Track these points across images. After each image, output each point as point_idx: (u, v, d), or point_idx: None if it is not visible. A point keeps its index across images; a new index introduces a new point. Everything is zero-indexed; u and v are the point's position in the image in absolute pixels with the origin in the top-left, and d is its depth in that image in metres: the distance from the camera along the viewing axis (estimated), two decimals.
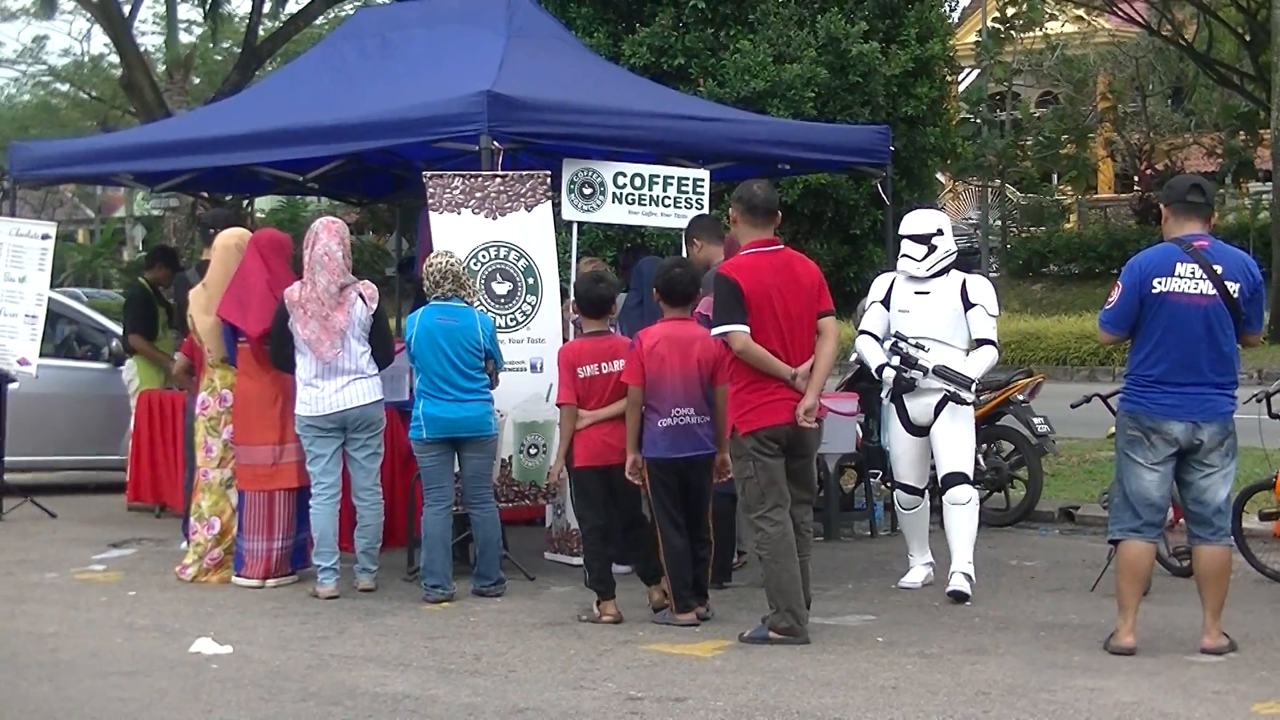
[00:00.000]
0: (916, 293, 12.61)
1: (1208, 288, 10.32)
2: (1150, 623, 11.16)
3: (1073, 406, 14.07)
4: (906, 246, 12.76)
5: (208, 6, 50.15)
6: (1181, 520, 11.24)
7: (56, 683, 10.42)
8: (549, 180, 13.96)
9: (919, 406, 12.62)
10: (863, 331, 12.93)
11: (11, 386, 17.50)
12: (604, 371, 11.98)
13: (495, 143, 13.67)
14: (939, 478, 12.81)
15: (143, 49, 49.03)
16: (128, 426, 17.85)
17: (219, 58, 51.09)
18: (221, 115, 18.68)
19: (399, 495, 13.59)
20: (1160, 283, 10.39)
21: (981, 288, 12.79)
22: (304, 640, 11.50)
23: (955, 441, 12.68)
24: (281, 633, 11.78)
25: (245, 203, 28.57)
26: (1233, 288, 10.35)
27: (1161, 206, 10.93)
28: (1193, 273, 10.33)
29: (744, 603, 11.89)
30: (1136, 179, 57.58)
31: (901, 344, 12.43)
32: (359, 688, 10.08)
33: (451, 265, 12.89)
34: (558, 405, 12.23)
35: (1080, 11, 52.71)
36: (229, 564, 13.70)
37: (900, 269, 12.72)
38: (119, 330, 19.75)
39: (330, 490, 13.12)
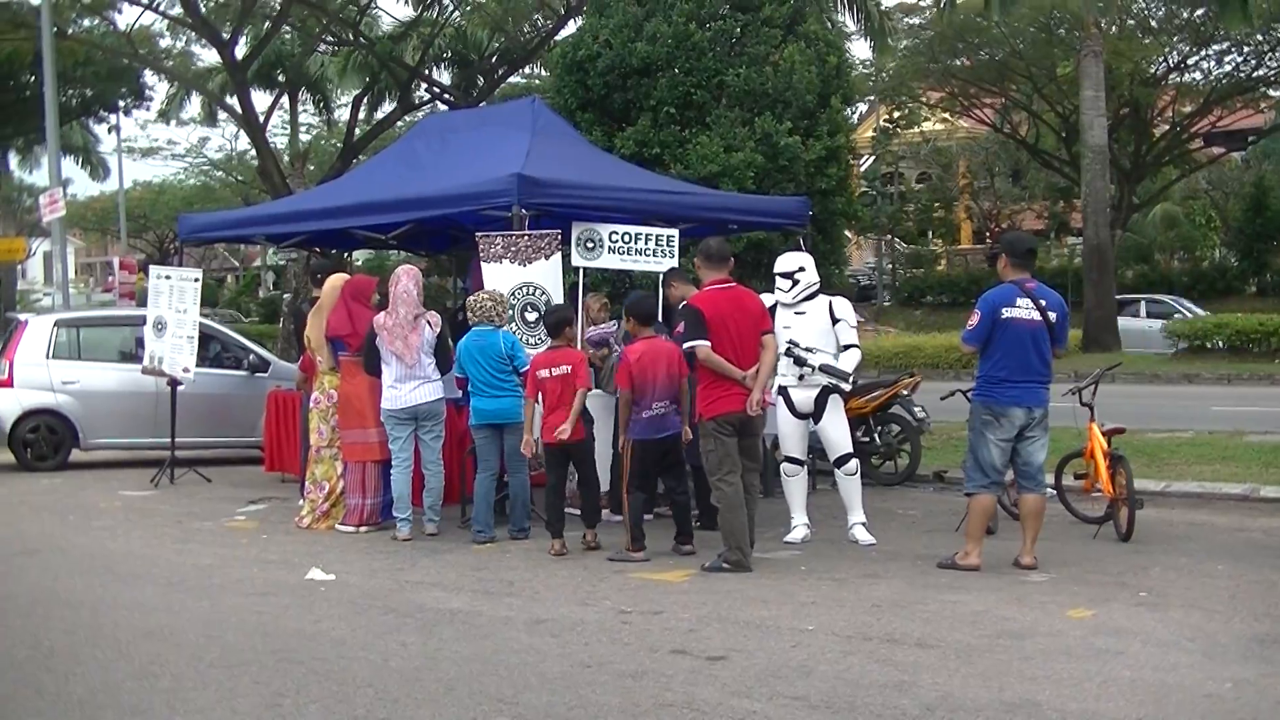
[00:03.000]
0: (795, 313, 12.51)
1: (1036, 315, 10.87)
2: (997, 554, 11.22)
3: (942, 399, 13.98)
4: (778, 281, 12.67)
5: (321, 114, 50.50)
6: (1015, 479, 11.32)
7: (213, 601, 10.41)
8: (560, 237, 13.90)
9: (802, 396, 12.47)
10: None
11: (180, 388, 17.47)
12: (553, 375, 12.18)
13: (523, 210, 13.65)
14: (831, 459, 12.65)
15: (273, 145, 49.15)
16: (262, 416, 17.83)
17: (330, 150, 50.97)
18: (326, 193, 18.65)
19: (454, 466, 13.48)
20: (1006, 311, 10.87)
21: (844, 307, 12.67)
22: (386, 570, 11.46)
23: (838, 428, 12.56)
24: (370, 565, 11.73)
25: (346, 255, 28.56)
26: (1051, 316, 10.93)
27: (1003, 256, 11.30)
28: (1027, 305, 10.88)
29: (707, 543, 11.77)
30: (988, 235, 58.19)
31: (794, 348, 12.34)
32: (425, 605, 10.05)
33: (481, 301, 12.97)
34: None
35: (946, 115, 52.76)
36: (334, 516, 13.67)
37: (775, 298, 12.56)
38: (255, 347, 19.80)
39: (406, 462, 13.12)
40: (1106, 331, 35.89)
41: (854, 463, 12.58)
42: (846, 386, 12.71)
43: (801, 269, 12.66)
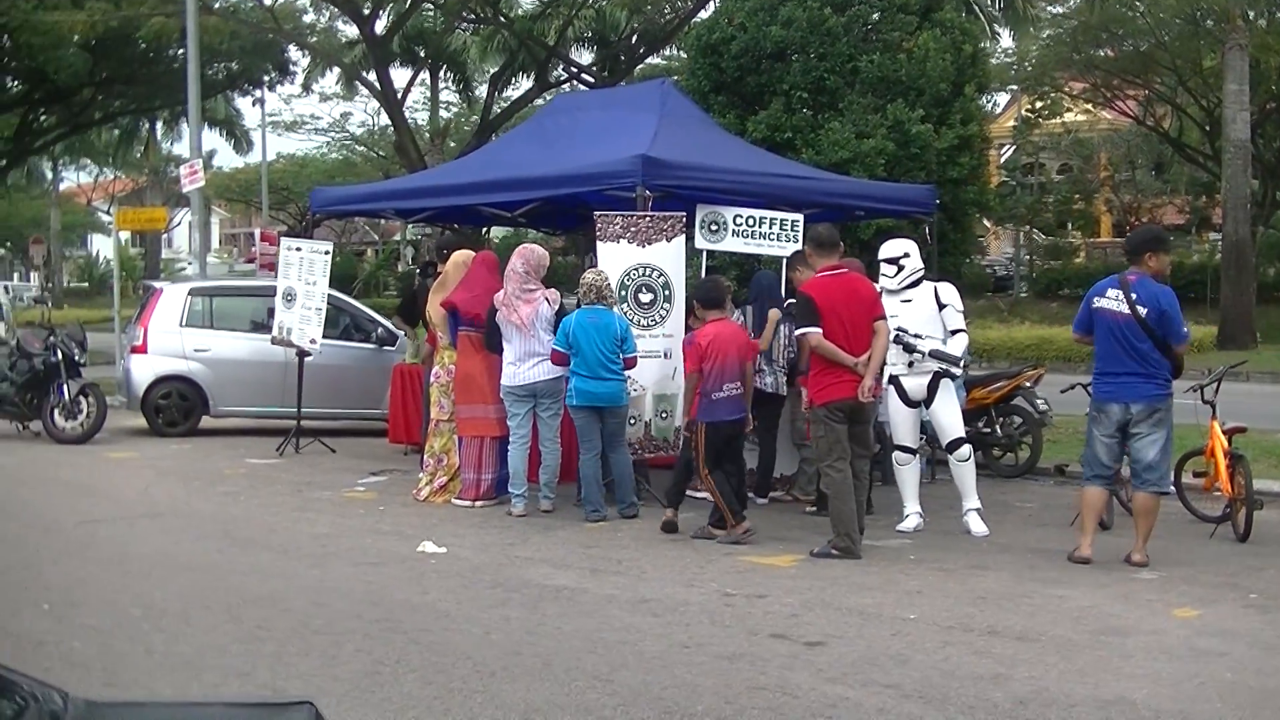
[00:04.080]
0: (901, 301, 12.43)
1: (1124, 308, 10.76)
2: (1108, 549, 11.08)
3: (1062, 392, 13.89)
4: (882, 267, 12.64)
5: (460, 91, 50.77)
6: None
7: (324, 569, 10.57)
8: (685, 219, 13.90)
9: (913, 384, 12.40)
10: None
11: (308, 359, 17.69)
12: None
13: (647, 191, 13.65)
14: (944, 444, 12.60)
15: (414, 121, 49.53)
16: (388, 389, 18.01)
17: (467, 128, 51.24)
18: (456, 170, 18.75)
19: (571, 443, 13.52)
20: (1098, 300, 10.94)
21: (950, 292, 12.60)
22: (498, 545, 11.55)
23: (950, 414, 12.49)
24: (482, 539, 11.83)
25: (485, 230, 28.74)
26: (1141, 311, 10.69)
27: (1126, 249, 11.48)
28: (1117, 296, 10.82)
29: (818, 529, 11.76)
30: (1127, 228, 57.00)
31: (902, 335, 12.26)
32: (532, 580, 10.11)
33: (595, 281, 13.01)
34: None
35: (1088, 106, 51.99)
36: (451, 489, 13.79)
37: (880, 285, 12.46)
38: (385, 321, 20.00)
39: (523, 439, 13.19)
40: (1243, 329, 35.33)
41: (966, 448, 12.50)
42: (958, 371, 12.71)
43: (906, 255, 12.64)
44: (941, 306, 12.46)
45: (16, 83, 39.48)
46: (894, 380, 12.45)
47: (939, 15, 23.48)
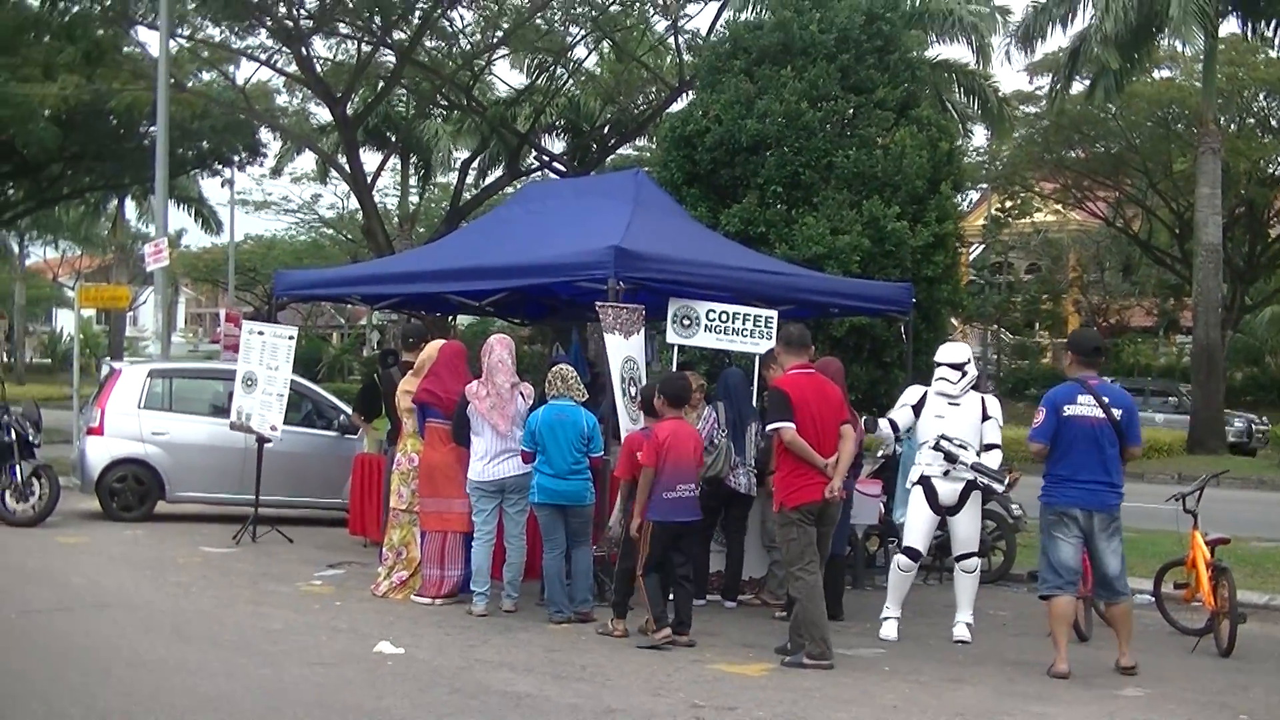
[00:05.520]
0: (950, 404, 12.20)
1: (1098, 412, 10.77)
2: (1089, 662, 10.88)
3: (1039, 498, 13.59)
4: (944, 371, 12.34)
5: (421, 178, 50.77)
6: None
7: (277, 668, 10.20)
8: (644, 312, 13.65)
9: (947, 490, 12.10)
10: (889, 419, 12.53)
11: (268, 446, 17.28)
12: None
13: (619, 283, 13.34)
14: (955, 554, 12.38)
15: (384, 206, 49.39)
16: (349, 478, 17.60)
17: (440, 213, 51.13)
18: (422, 256, 18.55)
19: (535, 541, 13.10)
20: (1068, 408, 10.86)
21: (996, 406, 12.44)
22: (457, 646, 11.15)
23: (972, 525, 12.30)
24: (441, 640, 11.43)
25: (451, 319, 28.47)
26: (1116, 413, 10.80)
27: (1069, 353, 11.54)
28: (1089, 402, 10.81)
29: (782, 632, 11.38)
30: (1096, 329, 57.25)
31: (944, 442, 11.98)
32: (492, 686, 9.74)
33: (561, 372, 12.72)
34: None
35: (1059, 206, 52.21)
36: (411, 585, 13.38)
37: (937, 389, 12.28)
38: (347, 408, 19.60)
39: (488, 535, 12.81)
40: (1212, 434, 35.27)
41: (976, 560, 12.37)
42: (999, 488, 12.44)
43: (969, 360, 12.49)
44: (986, 418, 12.27)
45: None
46: (924, 481, 12.20)
47: (916, 112, 23.31)
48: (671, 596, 11.79)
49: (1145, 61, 38.45)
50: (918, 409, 12.33)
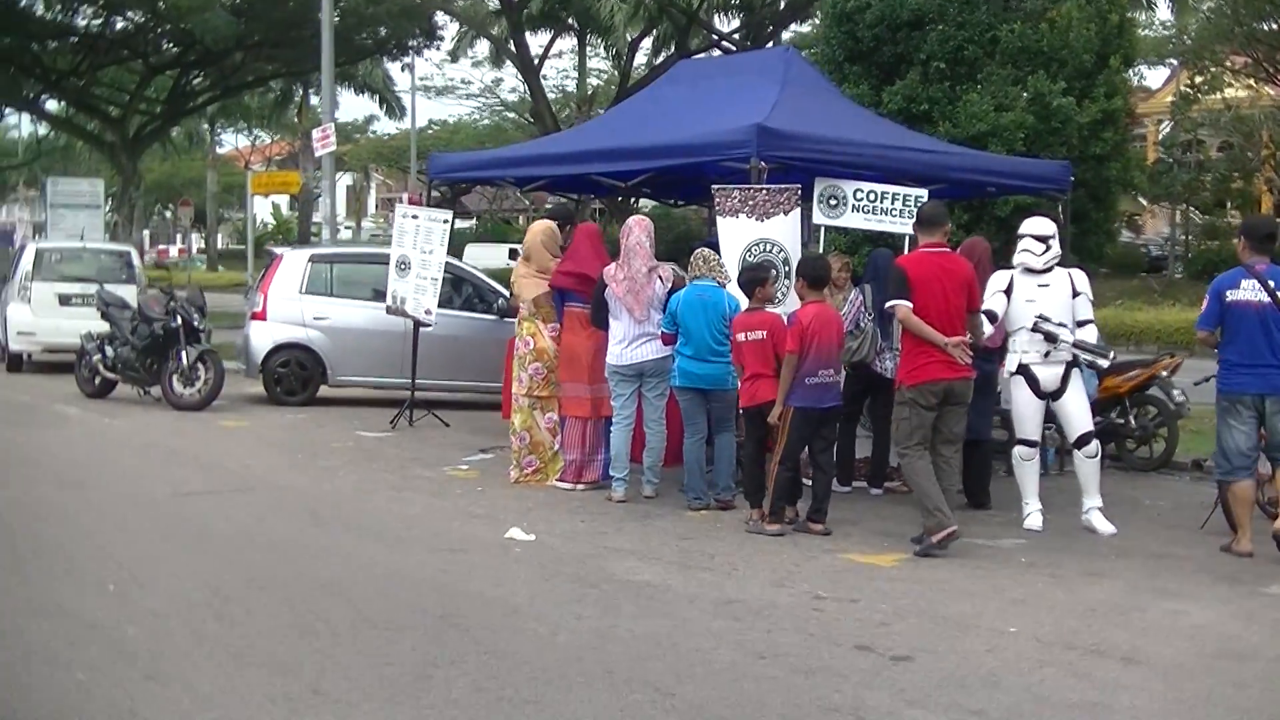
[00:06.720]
0: (1039, 285, 11.65)
1: (1263, 296, 10.53)
2: (1233, 562, 10.36)
3: (1196, 384, 13.07)
4: (1028, 243, 11.73)
5: (611, 58, 50.41)
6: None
7: (401, 554, 10.14)
8: (800, 192, 13.16)
9: (1048, 375, 11.57)
10: (985, 310, 11.77)
11: (425, 330, 17.25)
12: (749, 339, 11.53)
13: (762, 163, 12.97)
14: (1070, 438, 11.83)
15: (562, 89, 49.22)
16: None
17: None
18: (571, 138, 18.29)
19: (676, 426, 12.87)
20: (1231, 294, 10.68)
21: (1084, 280, 11.85)
22: (588, 534, 11.00)
23: (1081, 406, 11.75)
24: (575, 526, 11.29)
25: (634, 200, 28.13)
26: None
27: (1241, 238, 11.12)
28: (1253, 287, 10.59)
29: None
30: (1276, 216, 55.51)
31: (1043, 324, 11.49)
32: (616, 574, 9.56)
33: (703, 252, 12.44)
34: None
35: (1250, 82, 50.42)
36: (546, 472, 13.26)
37: (1020, 261, 11.72)
38: (506, 292, 19.51)
39: (627, 420, 12.65)
40: None
41: (1095, 444, 11.74)
42: (1104, 363, 11.90)
43: (1054, 235, 11.90)
44: (1076, 294, 11.72)
45: (170, 44, 39.67)
46: (1024, 369, 11.69)
47: None
48: (809, 482, 11.55)
49: None
50: (1008, 294, 11.81)
